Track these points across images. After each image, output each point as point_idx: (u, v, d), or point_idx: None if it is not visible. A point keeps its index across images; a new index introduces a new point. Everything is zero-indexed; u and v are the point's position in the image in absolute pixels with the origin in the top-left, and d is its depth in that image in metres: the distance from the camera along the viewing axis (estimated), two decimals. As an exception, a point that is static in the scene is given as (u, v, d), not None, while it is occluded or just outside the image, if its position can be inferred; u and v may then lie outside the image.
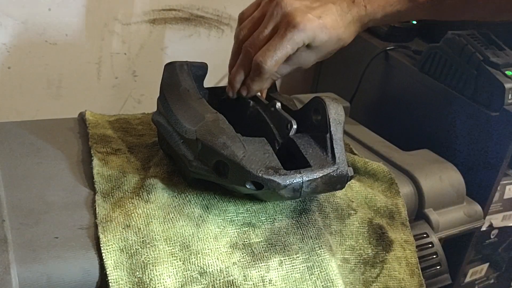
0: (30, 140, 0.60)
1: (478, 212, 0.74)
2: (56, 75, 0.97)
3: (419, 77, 0.92)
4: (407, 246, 0.60)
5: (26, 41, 0.92)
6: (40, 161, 0.57)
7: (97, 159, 0.57)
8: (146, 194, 0.51)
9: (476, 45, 0.85)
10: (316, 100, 0.53)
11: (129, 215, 0.49)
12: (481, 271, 0.97)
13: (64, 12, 0.93)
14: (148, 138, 0.63)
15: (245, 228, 0.51)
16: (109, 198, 0.52)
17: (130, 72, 1.05)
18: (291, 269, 0.49)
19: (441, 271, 0.66)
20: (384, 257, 0.57)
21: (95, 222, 0.49)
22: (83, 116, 0.66)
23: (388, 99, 1.01)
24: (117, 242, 0.47)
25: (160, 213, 0.50)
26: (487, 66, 0.83)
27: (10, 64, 0.93)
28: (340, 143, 0.51)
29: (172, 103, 0.55)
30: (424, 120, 0.93)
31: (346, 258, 0.54)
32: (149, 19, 1.01)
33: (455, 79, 0.86)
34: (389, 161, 0.72)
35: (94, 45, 0.98)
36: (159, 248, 0.47)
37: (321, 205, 0.56)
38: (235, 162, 0.47)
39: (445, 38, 0.88)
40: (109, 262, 0.45)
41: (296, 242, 0.51)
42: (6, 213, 0.48)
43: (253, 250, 0.49)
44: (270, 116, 0.56)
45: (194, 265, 0.47)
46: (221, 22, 1.10)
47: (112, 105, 1.06)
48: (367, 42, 1.04)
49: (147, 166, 0.58)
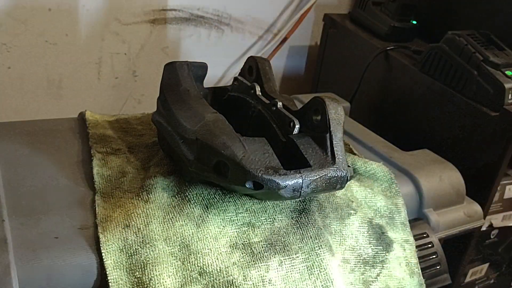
0: (30, 140, 0.60)
1: (478, 212, 0.74)
2: (56, 75, 0.98)
3: (419, 77, 0.92)
4: (407, 246, 0.60)
5: (26, 41, 0.92)
6: (40, 161, 0.57)
7: (97, 159, 0.57)
8: (146, 194, 0.51)
9: (476, 45, 0.85)
10: (316, 100, 0.53)
11: (129, 215, 0.49)
12: (481, 271, 0.97)
13: (64, 12, 0.93)
14: (148, 138, 0.63)
15: (245, 228, 0.51)
16: (109, 198, 0.52)
17: (130, 72, 1.05)
18: (290, 269, 0.49)
19: (441, 271, 0.66)
20: (384, 257, 0.57)
21: (95, 222, 0.49)
22: (83, 116, 0.66)
23: (388, 99, 1.01)
24: (117, 242, 0.47)
25: (159, 213, 0.50)
26: (487, 66, 0.83)
27: (10, 64, 0.93)
28: (340, 143, 0.51)
29: (172, 103, 0.55)
30: (424, 120, 0.93)
31: (346, 258, 0.54)
32: (149, 19, 1.01)
33: (455, 79, 0.86)
34: (389, 161, 0.72)
35: (94, 45, 0.98)
36: (159, 248, 0.47)
37: (321, 205, 0.56)
38: (235, 162, 0.47)
39: (445, 38, 0.88)
40: (108, 262, 0.45)
41: (296, 242, 0.51)
42: (6, 213, 0.48)
43: (252, 250, 0.49)
44: (272, 116, 0.56)
45: (193, 265, 0.47)
46: (221, 22, 1.10)
47: (112, 105, 1.06)
48: (367, 42, 1.04)
49: (147, 166, 0.58)
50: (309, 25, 1.24)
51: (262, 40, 1.19)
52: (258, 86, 0.60)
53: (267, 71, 0.62)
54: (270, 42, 1.19)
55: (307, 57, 1.29)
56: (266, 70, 0.62)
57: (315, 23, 1.24)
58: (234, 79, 0.64)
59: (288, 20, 1.18)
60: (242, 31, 1.15)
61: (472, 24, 0.94)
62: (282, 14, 1.18)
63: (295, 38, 1.22)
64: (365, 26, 1.09)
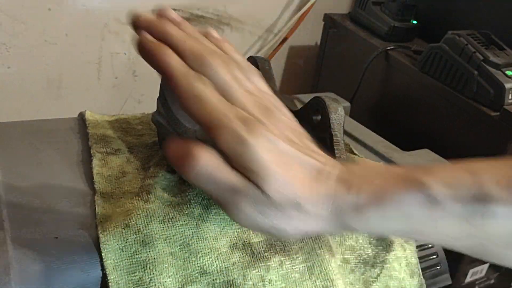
0: (30, 140, 0.60)
1: (478, 212, 0.74)
2: (56, 75, 0.98)
3: (419, 77, 0.92)
4: (407, 246, 0.60)
5: (26, 41, 0.92)
6: (40, 161, 0.57)
7: (97, 159, 0.57)
8: (146, 194, 0.51)
9: (477, 45, 0.85)
10: (316, 100, 0.53)
11: (129, 215, 0.49)
12: (481, 271, 0.97)
13: (64, 12, 0.93)
14: (148, 138, 0.63)
15: (245, 228, 0.51)
16: (109, 198, 0.52)
17: (130, 72, 1.05)
18: (291, 269, 0.49)
19: (441, 271, 0.66)
20: (384, 257, 0.57)
21: (95, 222, 0.49)
22: (83, 116, 0.66)
23: (388, 99, 1.01)
24: (117, 242, 0.47)
25: (159, 213, 0.49)
26: (487, 66, 0.83)
27: (10, 64, 0.93)
28: (340, 143, 0.51)
29: (172, 103, 0.55)
30: (424, 120, 0.93)
31: (346, 258, 0.54)
32: (149, 19, 1.01)
33: (455, 79, 0.86)
34: (389, 161, 0.72)
35: (94, 45, 0.98)
36: (159, 248, 0.47)
37: (321, 205, 0.56)
38: (235, 162, 0.47)
39: (445, 38, 0.88)
40: (108, 262, 0.45)
41: (296, 242, 0.51)
42: (6, 213, 0.48)
43: (253, 250, 0.49)
44: None
45: (194, 265, 0.47)
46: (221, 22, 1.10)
47: (112, 105, 1.06)
48: (367, 42, 1.04)
49: (147, 166, 0.58)
50: (309, 25, 1.24)
51: (262, 40, 1.19)
52: (258, 86, 0.60)
53: (267, 71, 0.62)
54: (270, 42, 1.19)
55: (307, 57, 1.29)
56: (266, 70, 0.62)
57: (315, 23, 1.24)
58: (234, 79, 0.64)
59: (288, 20, 1.18)
60: (242, 31, 1.15)
61: (472, 24, 0.94)
62: (282, 14, 1.18)
63: (295, 38, 1.22)
64: (365, 26, 1.09)
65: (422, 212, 0.35)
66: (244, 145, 0.34)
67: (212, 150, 0.35)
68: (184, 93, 0.36)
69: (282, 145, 0.36)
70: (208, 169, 0.35)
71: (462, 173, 0.35)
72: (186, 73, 0.36)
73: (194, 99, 0.36)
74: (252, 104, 0.37)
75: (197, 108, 0.36)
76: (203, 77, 0.37)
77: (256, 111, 0.37)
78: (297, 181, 0.35)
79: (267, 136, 0.35)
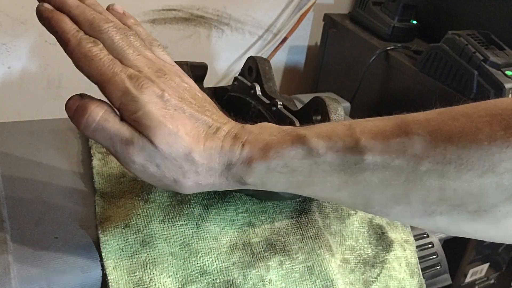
0: (30, 140, 0.60)
1: (478, 212, 0.74)
2: (56, 75, 0.98)
3: (419, 77, 0.92)
4: (407, 246, 0.60)
5: (26, 41, 0.92)
6: (40, 161, 0.57)
7: (97, 159, 0.57)
8: (146, 194, 0.51)
9: (477, 45, 0.85)
10: (316, 100, 0.53)
11: (129, 215, 0.49)
12: (481, 271, 0.97)
13: (64, 12, 0.93)
14: (148, 138, 0.63)
15: (245, 228, 0.51)
16: (109, 198, 0.52)
17: (130, 72, 1.05)
18: (290, 269, 0.49)
19: (441, 271, 0.66)
20: (384, 257, 0.57)
21: (95, 222, 0.49)
22: (83, 116, 0.66)
23: (388, 99, 1.01)
24: (117, 242, 0.47)
25: (159, 212, 0.50)
26: (487, 66, 0.83)
27: (10, 64, 0.93)
28: (340, 143, 0.51)
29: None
30: (424, 120, 0.93)
31: (346, 258, 0.54)
32: (149, 19, 1.01)
33: (455, 79, 0.86)
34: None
35: (94, 45, 0.98)
36: (159, 248, 0.47)
37: (321, 205, 0.56)
38: (235, 162, 0.47)
39: (445, 38, 0.88)
40: (108, 262, 0.45)
41: (296, 242, 0.51)
42: (6, 213, 0.48)
43: (252, 250, 0.49)
44: (272, 116, 0.56)
45: (194, 265, 0.47)
46: (221, 22, 1.10)
47: (112, 105, 1.06)
48: (367, 42, 1.04)
49: (147, 166, 0.58)
50: (309, 25, 1.24)
51: (262, 40, 1.19)
52: (258, 86, 0.60)
53: (267, 71, 0.62)
54: (270, 42, 1.19)
55: (307, 57, 1.29)
56: (266, 70, 0.62)
57: (315, 23, 1.24)
58: (234, 79, 0.64)
59: (288, 20, 1.18)
60: (242, 31, 1.15)
61: (472, 24, 0.94)
62: (282, 14, 1.18)
63: (295, 38, 1.22)
64: (365, 26, 1.09)
65: (304, 163, 0.37)
66: (131, 98, 0.37)
67: (105, 104, 0.39)
68: (76, 55, 0.39)
69: (171, 100, 0.38)
70: (101, 122, 0.38)
71: (340, 127, 0.38)
72: (78, 36, 0.39)
73: (85, 58, 0.38)
74: (145, 65, 0.40)
75: (88, 66, 0.39)
76: (95, 39, 0.39)
77: (147, 71, 0.39)
78: (185, 133, 0.38)
79: (155, 91, 0.38)
